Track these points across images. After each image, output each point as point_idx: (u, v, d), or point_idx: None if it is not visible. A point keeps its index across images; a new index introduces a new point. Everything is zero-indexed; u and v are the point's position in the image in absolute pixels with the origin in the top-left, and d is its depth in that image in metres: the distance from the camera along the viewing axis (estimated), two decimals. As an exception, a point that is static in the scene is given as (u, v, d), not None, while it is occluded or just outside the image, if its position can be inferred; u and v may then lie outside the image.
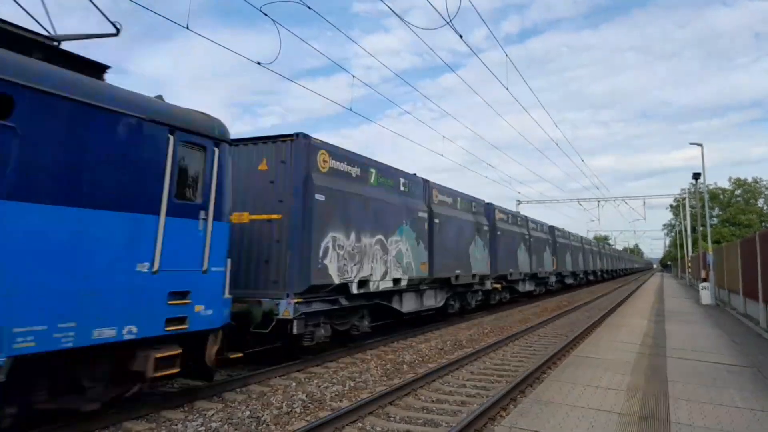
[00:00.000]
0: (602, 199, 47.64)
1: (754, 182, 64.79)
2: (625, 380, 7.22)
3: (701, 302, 21.66)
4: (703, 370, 8.00)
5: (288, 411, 6.47)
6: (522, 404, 6.03)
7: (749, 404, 6.11)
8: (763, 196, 64.58)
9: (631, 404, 6.02)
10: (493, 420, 6.24)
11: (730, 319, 16.01)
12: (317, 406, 6.73)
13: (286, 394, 7.20)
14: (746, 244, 16.48)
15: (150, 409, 6.41)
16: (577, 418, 5.42)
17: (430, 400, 7.27)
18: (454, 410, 6.74)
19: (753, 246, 14.69)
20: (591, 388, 6.70)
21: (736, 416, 5.62)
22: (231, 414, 6.26)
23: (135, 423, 6.03)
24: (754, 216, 60.07)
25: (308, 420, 6.16)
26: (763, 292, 13.76)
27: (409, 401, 7.14)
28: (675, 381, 7.23)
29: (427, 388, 7.84)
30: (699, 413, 5.71)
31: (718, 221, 61.56)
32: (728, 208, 63.13)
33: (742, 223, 58.29)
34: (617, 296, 28.15)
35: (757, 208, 62.84)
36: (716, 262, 23.44)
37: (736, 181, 65.67)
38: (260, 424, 5.96)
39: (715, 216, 62.64)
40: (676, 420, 5.44)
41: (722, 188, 66.02)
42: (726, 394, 6.54)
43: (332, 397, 7.17)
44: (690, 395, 6.48)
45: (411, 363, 9.56)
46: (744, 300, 17.46)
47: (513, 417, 5.48)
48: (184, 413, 6.42)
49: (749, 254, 15.49)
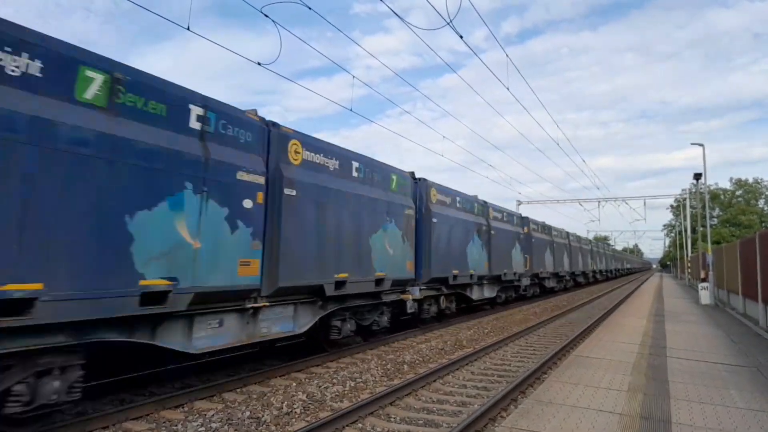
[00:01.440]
0: (603, 199, 47.65)
1: (755, 183, 64.82)
2: (625, 381, 7.21)
3: (701, 302, 21.67)
4: (703, 371, 8.00)
5: (288, 411, 6.46)
6: (523, 405, 6.02)
7: (750, 404, 6.11)
8: (763, 196, 64.60)
9: (631, 405, 6.02)
10: (493, 421, 6.24)
11: (729, 319, 16.01)
12: (317, 407, 6.72)
13: (287, 395, 7.19)
14: (746, 244, 16.48)
15: (150, 409, 6.40)
16: (578, 419, 5.42)
17: (431, 400, 7.27)
18: (454, 411, 6.73)
19: (752, 246, 14.69)
20: (592, 389, 6.70)
21: (736, 416, 5.61)
22: (231, 414, 6.26)
23: (135, 423, 6.02)
24: (754, 217, 60.05)
25: (308, 420, 6.15)
26: (762, 292, 13.76)
27: (410, 401, 7.14)
28: (675, 381, 7.23)
29: (428, 389, 7.84)
30: (700, 413, 5.71)
31: (719, 222, 61.53)
32: (729, 208, 63.10)
33: (742, 224, 58.26)
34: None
35: (758, 208, 62.82)
36: (716, 262, 23.45)
37: (737, 181, 65.71)
38: (260, 425, 5.95)
39: (715, 216, 62.61)
40: (677, 420, 5.44)
41: (723, 189, 66.04)
42: (726, 395, 6.54)
43: (332, 397, 7.17)
44: (690, 395, 6.48)
45: (411, 363, 9.55)
46: (743, 300, 17.46)
47: (514, 417, 5.47)
48: (184, 414, 6.41)
49: (749, 255, 15.49)
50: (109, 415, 5.98)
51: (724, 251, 22.36)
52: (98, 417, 5.87)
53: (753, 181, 64.95)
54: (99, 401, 6.60)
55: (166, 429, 5.82)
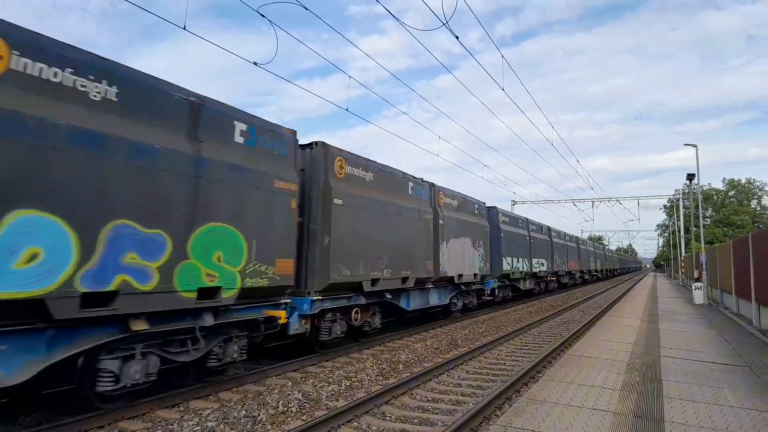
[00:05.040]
0: (597, 199, 47.85)
1: (748, 183, 65.25)
2: (619, 379, 7.26)
3: (694, 302, 21.81)
4: (696, 370, 8.07)
5: (284, 410, 6.47)
6: (517, 403, 6.06)
7: (742, 403, 6.17)
8: (756, 197, 65.04)
9: (625, 403, 6.07)
10: (488, 419, 6.27)
11: (722, 318, 16.13)
12: (313, 406, 6.74)
13: (282, 394, 7.20)
14: (739, 244, 16.61)
15: (146, 408, 6.39)
16: (571, 418, 5.46)
17: (426, 399, 7.29)
18: (449, 409, 6.76)
19: (745, 246, 14.80)
20: (585, 388, 6.74)
21: (729, 415, 5.67)
22: (227, 413, 6.26)
23: (131, 422, 6.02)
24: (747, 217, 60.48)
25: (304, 419, 6.16)
26: (755, 292, 13.87)
27: (405, 400, 7.16)
28: (669, 380, 7.29)
29: (423, 388, 7.86)
30: (693, 412, 5.76)
31: (712, 222, 61.92)
32: (722, 208, 63.52)
33: (735, 224, 58.68)
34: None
35: (750, 209, 63.26)
36: (709, 262, 23.62)
37: (730, 182, 66.13)
38: (256, 424, 5.96)
39: (708, 217, 62.98)
40: (670, 419, 5.49)
41: (716, 189, 66.46)
42: (719, 393, 6.60)
43: (328, 396, 7.18)
44: (684, 394, 6.54)
45: (407, 362, 9.58)
46: (736, 300, 17.60)
47: (508, 416, 5.51)
48: (180, 413, 6.41)
49: (742, 255, 15.62)
50: (105, 414, 5.98)
51: (718, 251, 22.52)
52: (94, 416, 5.87)
53: (746, 182, 65.43)
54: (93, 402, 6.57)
55: (161, 428, 5.82)
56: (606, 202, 47.95)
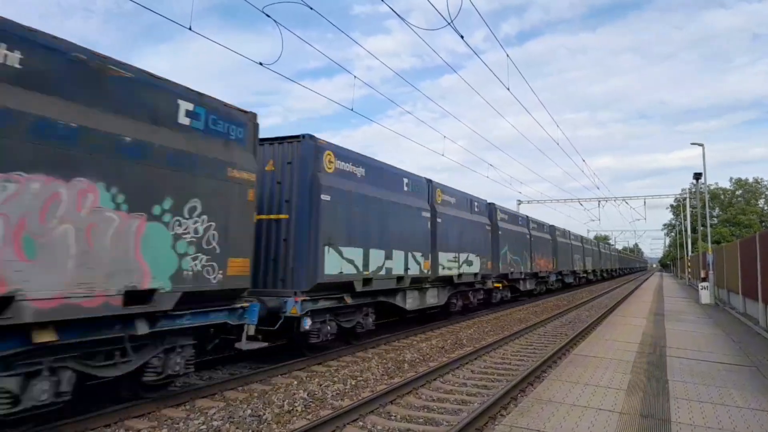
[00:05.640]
0: (603, 199, 47.60)
1: (755, 182, 64.81)
2: (625, 379, 7.23)
3: (701, 302, 21.69)
4: (703, 370, 8.02)
5: (289, 409, 6.49)
6: (522, 403, 6.04)
7: (749, 403, 6.12)
8: (763, 196, 64.57)
9: (631, 403, 6.04)
10: (493, 419, 6.26)
11: (729, 318, 16.03)
12: (318, 405, 6.75)
13: (288, 393, 7.22)
14: (746, 244, 16.50)
15: (152, 407, 6.43)
16: (577, 418, 5.44)
17: (431, 398, 7.29)
18: (454, 409, 6.76)
19: (753, 246, 14.70)
20: (591, 387, 6.72)
21: (736, 415, 5.64)
22: (232, 412, 6.28)
23: (137, 421, 6.05)
24: (754, 216, 60.06)
25: (309, 419, 6.18)
26: (762, 292, 13.78)
27: (410, 400, 7.16)
28: (675, 380, 7.25)
29: (428, 387, 7.86)
30: (699, 413, 5.73)
31: (719, 221, 61.53)
32: (729, 208, 63.11)
33: (742, 224, 58.26)
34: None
35: (758, 208, 62.82)
36: (716, 262, 23.47)
37: (737, 181, 65.70)
38: (261, 423, 5.98)
39: (715, 216, 62.61)
40: (677, 419, 5.46)
41: (723, 188, 66.03)
42: (726, 394, 6.56)
43: (333, 395, 7.19)
44: (690, 394, 6.50)
45: (412, 361, 9.58)
46: (743, 299, 17.48)
47: (513, 416, 5.49)
48: (186, 412, 6.44)
49: (749, 254, 15.51)
50: (111, 413, 6.01)
51: (724, 251, 22.38)
52: (100, 415, 5.90)
53: (753, 181, 64.97)
54: (101, 399, 6.62)
55: (167, 427, 5.85)
56: (612, 201, 47.71)
